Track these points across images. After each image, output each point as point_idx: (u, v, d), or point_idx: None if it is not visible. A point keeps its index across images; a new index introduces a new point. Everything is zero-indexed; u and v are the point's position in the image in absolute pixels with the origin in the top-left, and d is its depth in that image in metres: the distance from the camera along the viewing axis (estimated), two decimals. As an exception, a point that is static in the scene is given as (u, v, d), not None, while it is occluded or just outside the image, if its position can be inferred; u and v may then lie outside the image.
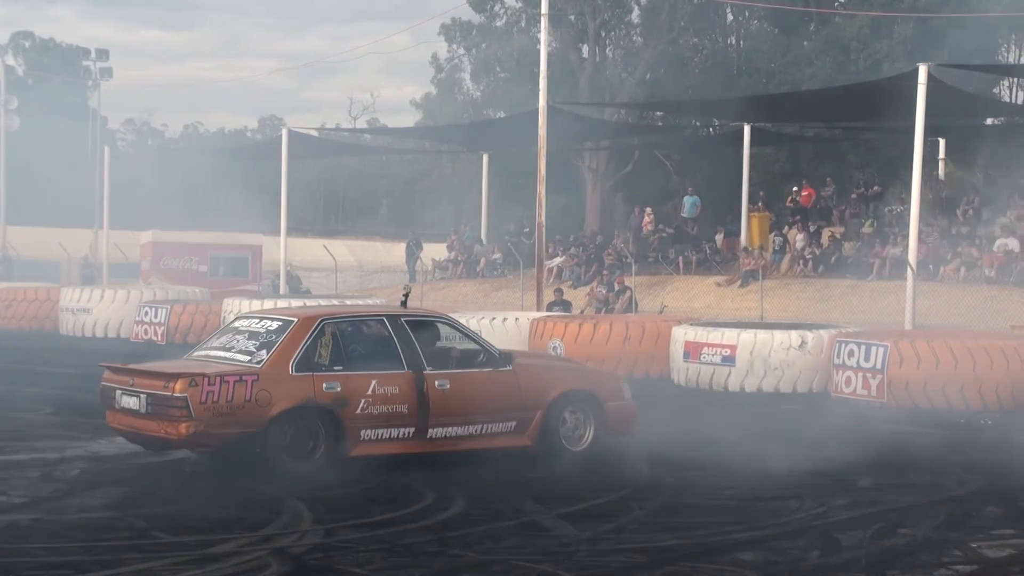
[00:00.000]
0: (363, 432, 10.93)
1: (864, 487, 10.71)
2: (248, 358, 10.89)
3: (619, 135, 36.47)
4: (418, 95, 53.19)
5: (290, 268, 31.33)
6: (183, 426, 10.41)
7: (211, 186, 41.02)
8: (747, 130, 29.22)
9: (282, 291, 29.37)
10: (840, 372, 15.76)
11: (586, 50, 45.06)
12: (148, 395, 10.66)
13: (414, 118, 53.60)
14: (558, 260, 31.51)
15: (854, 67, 39.92)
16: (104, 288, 27.38)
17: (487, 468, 11.07)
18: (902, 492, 10.45)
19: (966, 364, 15.06)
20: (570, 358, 15.77)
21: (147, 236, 36.44)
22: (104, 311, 25.52)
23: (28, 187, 46.28)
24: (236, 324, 11.73)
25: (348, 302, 21.84)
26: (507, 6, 47.28)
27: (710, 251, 30.20)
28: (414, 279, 32.11)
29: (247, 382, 10.58)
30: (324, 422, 10.79)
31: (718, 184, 35.02)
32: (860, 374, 15.47)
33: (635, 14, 45.56)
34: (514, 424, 11.59)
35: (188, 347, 13.43)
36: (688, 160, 41.73)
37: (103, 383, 11.31)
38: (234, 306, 22.35)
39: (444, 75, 50.46)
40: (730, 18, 46.64)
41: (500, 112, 44.89)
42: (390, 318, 11.65)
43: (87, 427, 12.96)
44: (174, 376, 10.61)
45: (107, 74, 49.44)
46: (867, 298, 24.01)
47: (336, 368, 11.04)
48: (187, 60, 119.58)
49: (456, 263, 34.91)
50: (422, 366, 11.27)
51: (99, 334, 25.23)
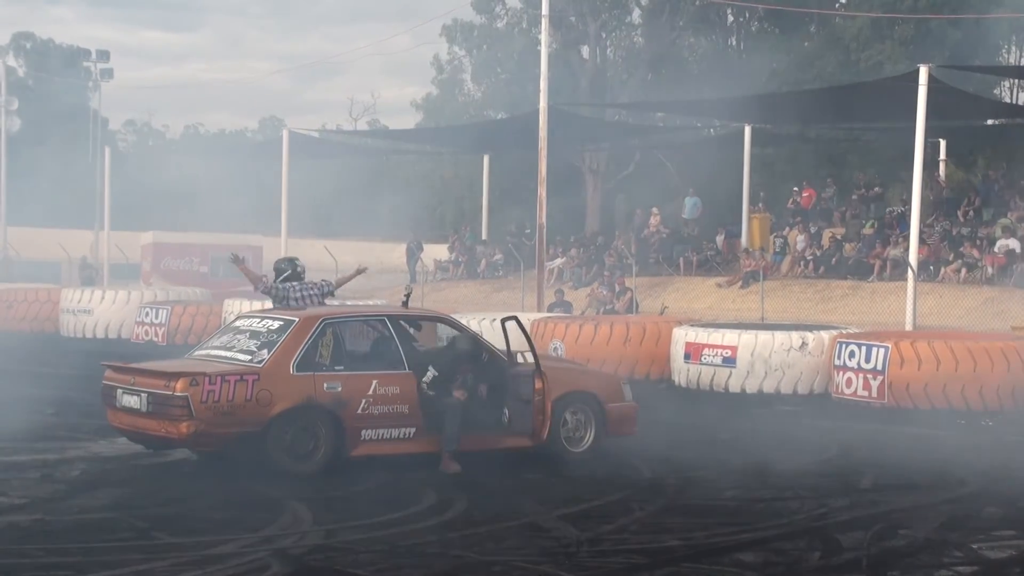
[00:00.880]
0: (364, 432, 10.93)
1: (865, 488, 10.70)
2: (249, 358, 10.90)
3: (620, 136, 36.46)
4: (419, 96, 53.20)
5: (291, 269, 31.28)
6: (184, 425, 10.41)
7: (212, 187, 41.01)
8: (748, 131, 29.21)
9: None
10: (841, 373, 15.75)
11: (587, 51, 45.08)
12: (149, 394, 10.67)
13: (415, 119, 53.64)
14: (559, 261, 31.48)
15: (855, 68, 39.91)
16: (105, 289, 27.36)
17: (488, 469, 11.07)
18: (903, 493, 10.44)
19: (967, 365, 15.05)
20: (571, 359, 15.76)
21: (148, 237, 36.43)
22: (105, 312, 25.50)
23: (29, 188, 46.26)
24: (237, 324, 11.73)
25: (349, 303, 21.82)
26: (508, 7, 47.36)
27: (711, 252, 30.20)
28: (415, 280, 32.08)
29: (248, 381, 10.58)
30: (325, 422, 10.80)
31: (719, 185, 34.98)
32: (861, 375, 15.46)
33: (635, 15, 45.60)
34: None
35: (189, 348, 13.41)
36: (689, 161, 41.72)
37: (104, 382, 11.32)
38: (235, 307, 22.34)
39: (445, 76, 50.48)
40: (730, 19, 46.63)
41: (501, 113, 44.89)
42: (391, 318, 11.67)
43: (88, 428, 12.96)
44: (175, 375, 10.62)
45: (108, 75, 49.49)
46: (868, 299, 24.01)
47: (337, 368, 11.05)
48: (188, 61, 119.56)
49: (457, 264, 34.89)
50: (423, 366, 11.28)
51: (100, 335, 25.21)
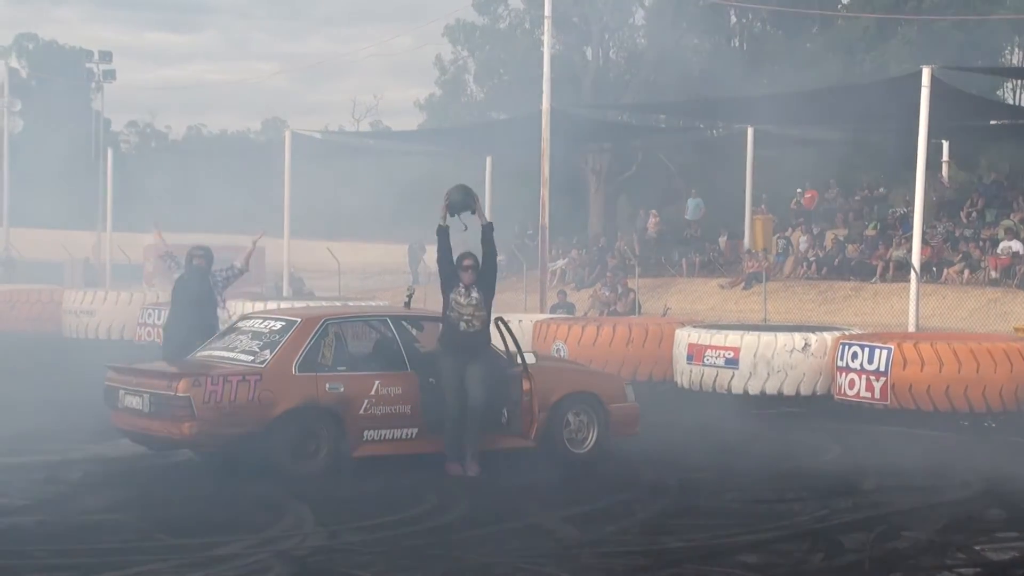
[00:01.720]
0: (366, 433, 10.92)
1: (867, 490, 10.69)
2: (251, 358, 10.89)
3: (622, 137, 36.46)
4: (422, 97, 53.26)
5: (293, 270, 31.33)
6: (186, 426, 10.40)
7: (214, 188, 41.05)
8: (750, 132, 29.22)
9: (285, 293, 29.36)
10: (843, 374, 15.73)
11: (589, 52, 45.06)
12: (151, 395, 10.66)
13: (418, 120, 53.67)
14: (561, 262, 31.50)
15: (858, 69, 39.89)
16: (107, 290, 27.37)
17: (490, 470, 11.06)
18: (905, 495, 10.43)
19: (970, 366, 15.03)
20: (573, 360, 15.75)
21: (150, 238, 36.40)
22: (107, 313, 25.51)
23: (31, 189, 46.30)
24: (239, 324, 11.73)
25: (351, 303, 21.84)
26: (511, 8, 47.35)
27: (713, 253, 30.20)
28: (417, 281, 32.11)
29: (250, 382, 10.58)
30: (327, 423, 10.79)
31: (721, 186, 34.99)
32: (864, 376, 15.45)
33: (638, 16, 45.59)
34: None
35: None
36: (691, 162, 41.72)
37: (106, 383, 11.31)
38: (237, 308, 22.34)
39: (448, 77, 50.48)
40: (733, 20, 46.62)
41: (504, 114, 44.88)
42: (393, 319, 11.67)
43: (90, 429, 12.94)
44: (177, 376, 10.62)
45: (110, 76, 49.45)
46: (870, 300, 24.01)
47: (339, 368, 11.04)
48: (191, 62, 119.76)
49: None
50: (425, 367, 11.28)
51: (102, 336, 25.22)
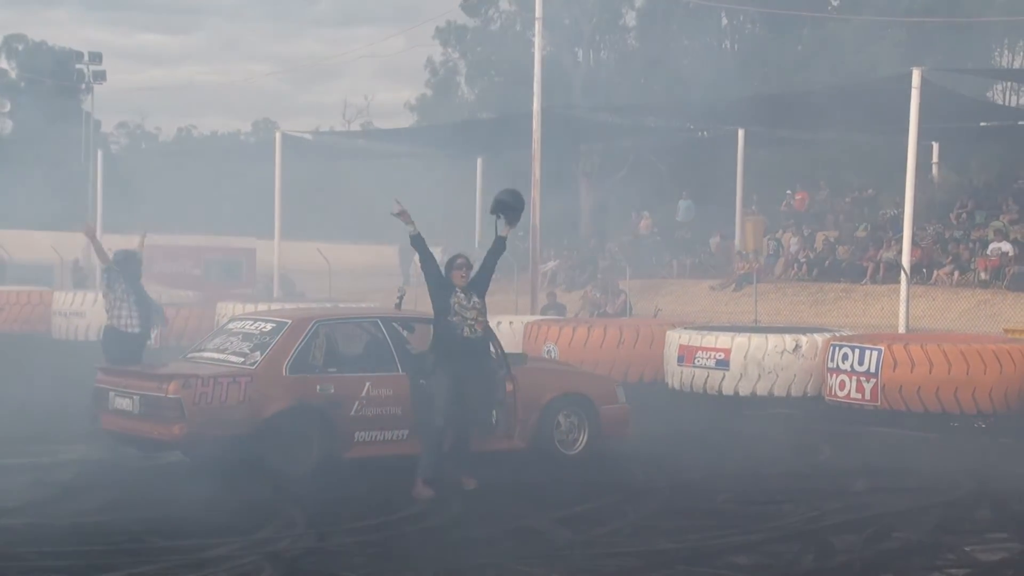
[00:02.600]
0: (357, 434, 10.91)
1: (858, 491, 10.70)
2: (242, 359, 10.87)
3: (613, 138, 36.45)
4: (413, 98, 53.30)
5: (284, 271, 31.29)
6: (176, 427, 10.38)
7: (204, 190, 41.01)
8: (741, 134, 29.25)
9: (276, 294, 29.32)
10: (834, 376, 15.76)
11: (581, 54, 45.10)
12: (141, 396, 10.64)
13: (409, 121, 53.63)
14: (552, 264, 31.49)
15: (848, 71, 39.95)
16: (97, 292, 27.29)
17: (481, 472, 11.04)
18: (896, 496, 10.44)
19: (960, 368, 15.06)
20: (564, 361, 15.75)
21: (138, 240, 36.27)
22: (97, 315, 25.34)
23: (21, 190, 46.18)
24: (230, 326, 11.71)
25: (342, 305, 21.81)
26: (501, 10, 47.38)
27: (704, 255, 30.22)
28: (409, 282, 32.04)
29: (241, 383, 10.56)
30: (318, 424, 10.77)
31: (712, 188, 35.01)
32: (854, 378, 15.47)
33: (629, 17, 45.67)
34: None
35: (182, 351, 13.40)
36: (682, 164, 41.74)
37: (96, 384, 11.29)
38: (228, 309, 22.32)
39: (439, 78, 50.49)
40: (724, 21, 46.70)
41: (494, 116, 44.85)
42: (385, 320, 11.65)
43: (80, 431, 12.90)
44: (167, 377, 10.60)
45: (100, 77, 49.42)
46: (861, 301, 24.04)
47: (330, 370, 11.03)
48: (183, 63, 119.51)
49: (450, 266, 34.86)
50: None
51: (92, 338, 25.09)
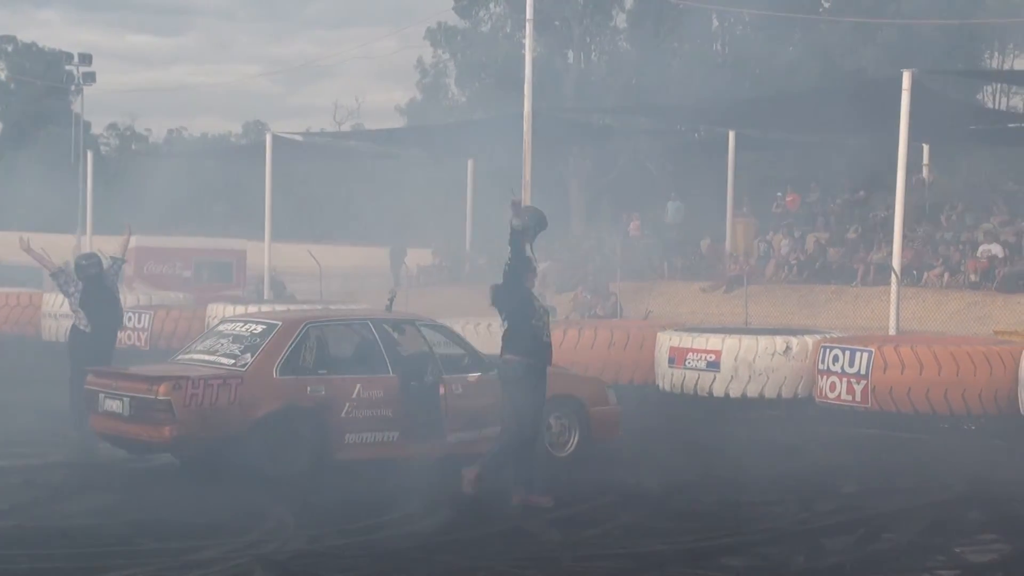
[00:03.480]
0: (348, 436, 10.90)
1: (848, 492, 10.72)
2: (232, 361, 10.85)
3: (604, 140, 36.48)
4: (404, 100, 53.29)
5: (274, 273, 31.23)
6: (166, 429, 10.37)
7: (195, 191, 40.93)
8: (732, 136, 29.26)
9: (266, 296, 29.26)
10: (825, 377, 15.77)
11: (571, 56, 45.10)
12: (132, 398, 10.62)
13: (399, 123, 53.58)
14: (543, 265, 31.43)
15: (839, 73, 40.01)
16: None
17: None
18: (886, 497, 10.45)
19: (950, 369, 15.09)
20: (555, 363, 15.72)
21: (130, 241, 36.23)
22: (87, 317, 25.33)
23: (10, 192, 46.11)
24: (220, 328, 11.70)
25: (333, 307, 21.77)
26: (492, 12, 47.33)
27: (695, 257, 30.22)
28: (399, 284, 32.03)
29: (231, 385, 10.54)
30: (308, 426, 10.76)
31: (703, 190, 35.06)
32: (845, 379, 15.49)
33: (620, 20, 45.66)
34: (499, 429, 11.55)
35: (172, 353, 13.39)
36: (673, 166, 41.79)
37: (86, 386, 11.26)
38: (218, 311, 22.26)
39: (430, 80, 50.47)
40: (715, 24, 46.72)
41: (485, 117, 44.87)
42: (375, 322, 11.64)
43: (69, 433, 12.88)
44: (158, 379, 10.58)
45: (90, 79, 49.31)
46: (851, 303, 24.05)
47: (321, 371, 11.02)
48: (175, 65, 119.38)
49: (441, 268, 34.86)
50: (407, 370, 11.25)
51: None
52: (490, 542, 8.68)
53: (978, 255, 24.09)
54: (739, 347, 16.56)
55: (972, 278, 23.68)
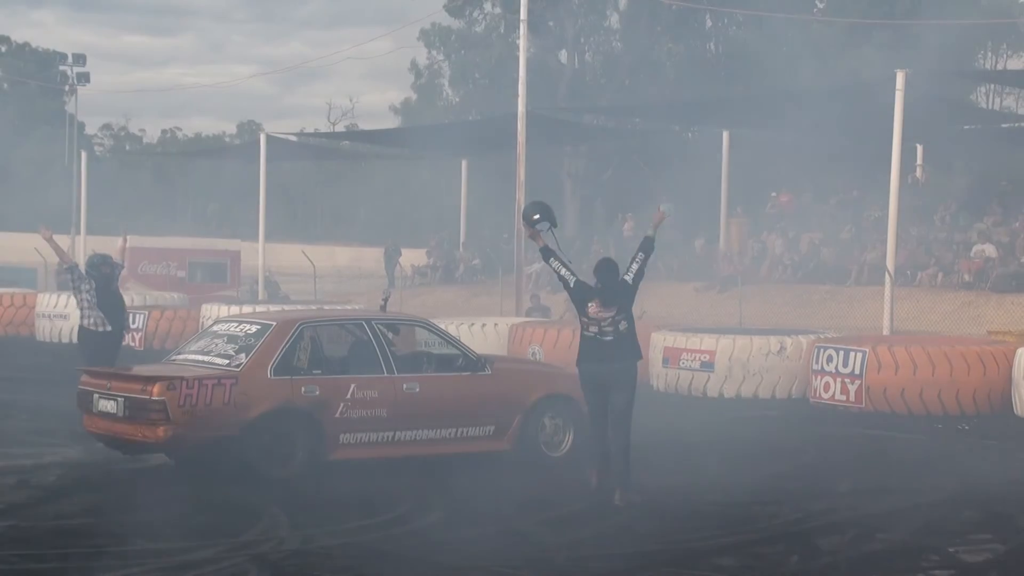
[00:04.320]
0: (342, 436, 10.90)
1: (842, 492, 10.72)
2: (227, 362, 10.85)
3: (598, 140, 36.50)
4: (398, 101, 53.28)
5: (268, 274, 31.24)
6: (160, 430, 10.36)
7: (189, 191, 40.95)
8: (726, 136, 29.29)
9: (261, 296, 29.27)
10: (819, 377, 15.80)
11: (565, 56, 45.10)
12: (126, 399, 10.61)
13: (393, 124, 53.58)
14: (537, 266, 31.45)
15: (832, 73, 40.02)
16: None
17: (466, 473, 11.05)
18: (880, 497, 10.46)
19: (943, 369, 15.13)
20: (550, 363, 15.75)
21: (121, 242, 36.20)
22: (81, 317, 25.31)
23: (4, 192, 46.08)
24: (215, 328, 11.68)
25: (327, 307, 21.77)
26: (486, 12, 47.32)
27: (689, 257, 30.24)
28: (393, 284, 32.06)
29: (225, 385, 10.54)
30: (303, 426, 10.75)
31: (697, 190, 35.07)
32: (839, 379, 15.52)
33: (614, 20, 45.66)
34: (492, 429, 11.57)
35: (166, 353, 13.38)
36: (667, 165, 41.80)
37: (80, 386, 11.25)
38: (212, 312, 22.27)
39: (424, 81, 50.45)
40: (709, 24, 46.72)
41: (479, 118, 44.86)
42: (369, 322, 11.64)
43: (64, 433, 12.87)
44: (152, 379, 10.56)
45: (84, 79, 49.28)
46: (845, 303, 24.08)
47: (315, 372, 11.02)
48: (169, 65, 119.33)
49: (435, 269, 34.89)
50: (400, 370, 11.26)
51: (76, 340, 25.01)
52: (484, 541, 8.69)
53: (972, 255, 24.15)
54: (733, 347, 16.59)
55: (966, 278, 23.74)
